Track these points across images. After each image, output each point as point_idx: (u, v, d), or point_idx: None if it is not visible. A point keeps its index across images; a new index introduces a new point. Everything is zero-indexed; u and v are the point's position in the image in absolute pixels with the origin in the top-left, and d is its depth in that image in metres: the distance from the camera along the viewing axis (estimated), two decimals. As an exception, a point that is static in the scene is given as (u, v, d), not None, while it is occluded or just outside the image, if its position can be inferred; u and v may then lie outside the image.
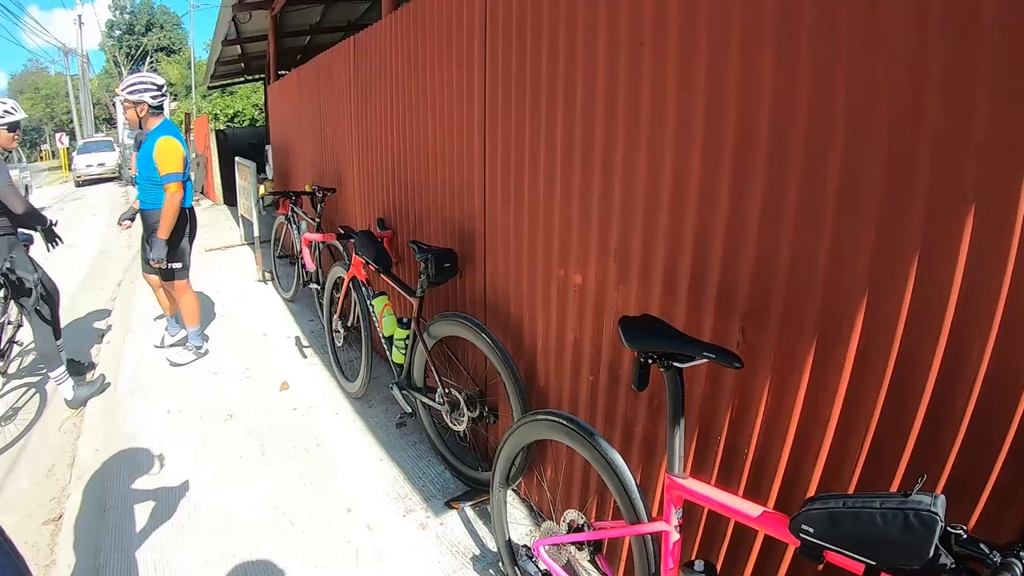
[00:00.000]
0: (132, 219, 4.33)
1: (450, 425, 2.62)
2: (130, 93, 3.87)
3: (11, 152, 3.93)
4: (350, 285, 3.45)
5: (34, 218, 3.74)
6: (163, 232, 3.88)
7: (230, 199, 11.39)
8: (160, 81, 3.96)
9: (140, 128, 4.05)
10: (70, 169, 25.99)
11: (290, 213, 5.34)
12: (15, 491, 3.12)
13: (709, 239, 1.47)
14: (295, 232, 5.25)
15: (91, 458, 3.37)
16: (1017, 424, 1.05)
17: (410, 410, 2.94)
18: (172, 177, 3.80)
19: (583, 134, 1.83)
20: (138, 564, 2.47)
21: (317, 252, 4.81)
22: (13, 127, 3.72)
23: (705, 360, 1.25)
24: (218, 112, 28.13)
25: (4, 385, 4.69)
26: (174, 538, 2.59)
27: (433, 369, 2.65)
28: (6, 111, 3.67)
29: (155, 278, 4.40)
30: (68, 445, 3.82)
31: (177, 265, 4.12)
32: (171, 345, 4.67)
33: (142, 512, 2.82)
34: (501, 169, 2.26)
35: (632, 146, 1.66)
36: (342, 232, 3.44)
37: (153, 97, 3.90)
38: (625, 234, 1.74)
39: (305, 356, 4.39)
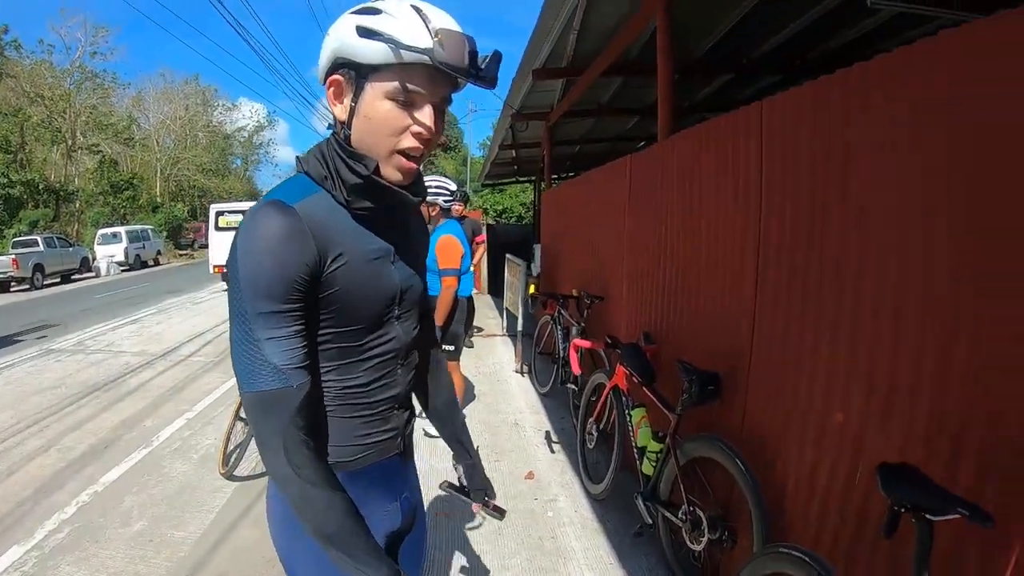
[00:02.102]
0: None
1: (687, 543, 2.67)
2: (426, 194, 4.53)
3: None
4: (610, 393, 3.67)
5: None
6: (438, 320, 4.43)
7: (494, 290, 12.20)
8: (453, 187, 4.61)
9: (427, 223, 4.69)
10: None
11: (556, 314, 5.77)
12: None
13: (975, 389, 1.46)
14: (559, 333, 5.65)
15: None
16: None
17: (650, 522, 3.02)
18: (449, 272, 4.37)
19: (857, 265, 1.90)
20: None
21: (579, 356, 5.14)
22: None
23: (957, 516, 1.25)
24: (488, 207, 30.91)
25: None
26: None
27: (681, 486, 2.74)
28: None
29: None
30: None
31: (449, 348, 4.63)
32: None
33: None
34: (771, 299, 2.37)
35: (904, 283, 1.70)
36: (609, 342, 3.70)
37: (445, 201, 4.55)
38: (892, 378, 1.75)
39: (553, 451, 4.64)
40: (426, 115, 1.12)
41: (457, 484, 1.64)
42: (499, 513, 1.59)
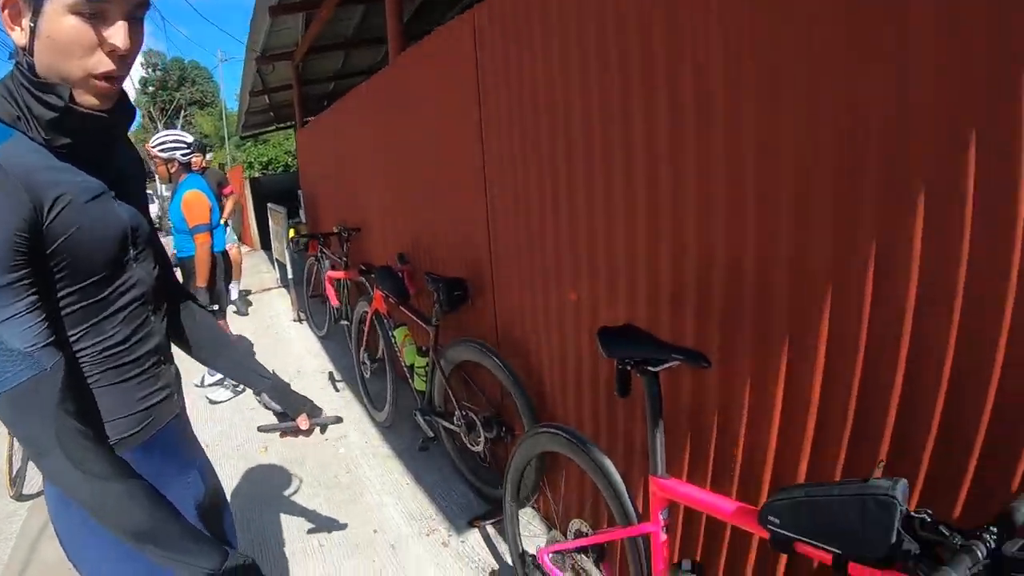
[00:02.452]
0: None
1: (469, 446, 2.71)
2: (161, 151, 4.07)
3: None
4: (373, 318, 3.58)
5: None
6: (200, 280, 4.06)
7: (266, 244, 11.64)
8: (189, 139, 4.17)
9: (169, 182, 4.25)
10: (111, 218, 26.92)
11: (319, 254, 5.53)
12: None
13: (684, 254, 1.56)
14: (324, 272, 5.42)
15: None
16: (989, 414, 1.06)
17: (432, 435, 3.04)
18: (199, 228, 3.98)
19: (567, 167, 1.96)
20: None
21: (345, 289, 4.96)
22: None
23: (677, 362, 1.31)
24: (252, 160, 28.80)
25: None
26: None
27: (451, 393, 2.74)
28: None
29: None
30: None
31: (214, 307, 4.28)
32: (210, 384, 4.83)
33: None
34: (500, 201, 2.40)
35: (609, 176, 1.77)
36: (363, 269, 3.56)
37: (183, 155, 4.10)
38: (610, 253, 1.83)
39: (338, 390, 4.53)
40: (118, 30, 0.94)
41: (273, 413, 1.43)
42: (336, 419, 1.45)
